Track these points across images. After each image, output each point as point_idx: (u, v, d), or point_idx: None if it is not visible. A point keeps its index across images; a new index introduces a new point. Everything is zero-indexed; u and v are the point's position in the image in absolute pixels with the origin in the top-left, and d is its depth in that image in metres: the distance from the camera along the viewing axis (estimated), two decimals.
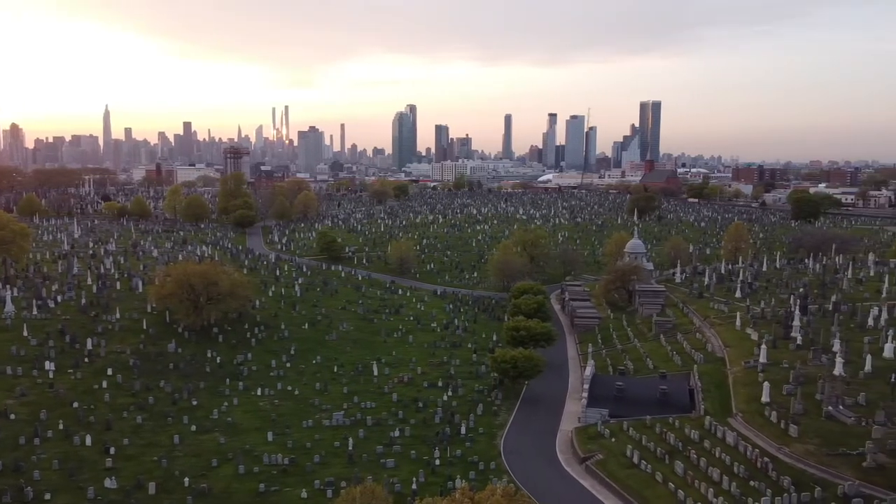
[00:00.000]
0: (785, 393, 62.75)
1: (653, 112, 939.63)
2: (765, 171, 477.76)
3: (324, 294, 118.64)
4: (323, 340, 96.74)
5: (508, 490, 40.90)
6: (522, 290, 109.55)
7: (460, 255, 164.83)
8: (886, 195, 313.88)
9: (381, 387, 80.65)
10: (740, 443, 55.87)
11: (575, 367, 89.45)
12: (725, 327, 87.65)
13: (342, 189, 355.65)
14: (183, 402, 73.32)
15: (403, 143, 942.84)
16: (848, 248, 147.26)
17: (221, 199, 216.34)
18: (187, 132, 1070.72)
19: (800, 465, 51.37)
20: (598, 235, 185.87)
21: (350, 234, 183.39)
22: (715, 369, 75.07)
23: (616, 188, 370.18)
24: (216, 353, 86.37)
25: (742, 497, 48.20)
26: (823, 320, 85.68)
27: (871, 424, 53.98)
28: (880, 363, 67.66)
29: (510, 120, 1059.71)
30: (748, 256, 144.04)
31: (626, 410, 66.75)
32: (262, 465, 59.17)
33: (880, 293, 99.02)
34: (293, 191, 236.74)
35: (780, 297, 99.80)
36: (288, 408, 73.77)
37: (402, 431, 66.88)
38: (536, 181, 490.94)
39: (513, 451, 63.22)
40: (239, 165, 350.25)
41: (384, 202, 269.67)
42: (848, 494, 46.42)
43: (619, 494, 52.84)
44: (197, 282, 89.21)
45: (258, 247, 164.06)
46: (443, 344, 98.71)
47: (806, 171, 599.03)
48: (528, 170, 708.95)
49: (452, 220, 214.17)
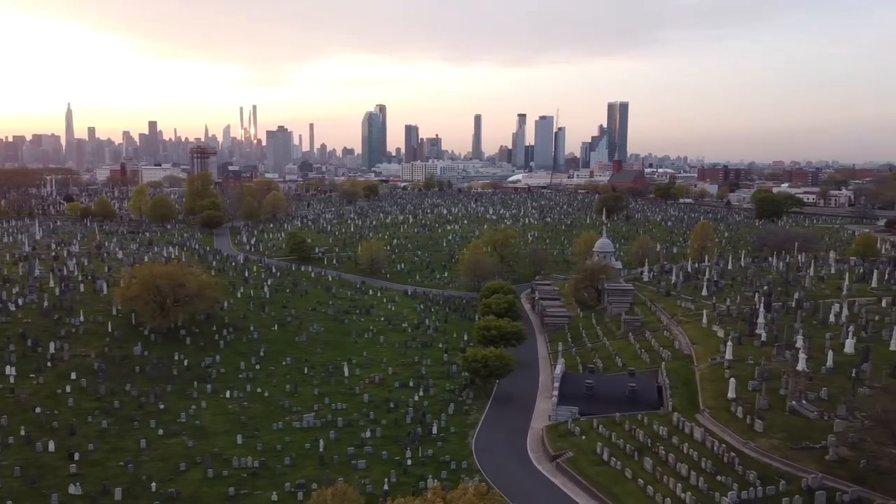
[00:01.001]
0: (750, 389, 63.92)
1: (620, 113, 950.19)
2: (730, 172, 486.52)
3: (293, 295, 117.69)
4: (293, 342, 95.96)
5: (480, 489, 41.03)
6: (493, 289, 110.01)
7: (431, 255, 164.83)
8: (846, 195, 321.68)
9: (353, 388, 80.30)
10: (707, 438, 56.76)
11: (545, 366, 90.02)
12: (692, 325, 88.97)
13: (311, 189, 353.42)
14: (150, 406, 72.08)
15: (373, 144, 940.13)
16: (810, 247, 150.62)
17: (188, 199, 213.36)
18: (153, 132, 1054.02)
19: (765, 460, 52.38)
20: (567, 235, 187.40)
21: (320, 235, 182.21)
22: (682, 366, 76.17)
23: (585, 188, 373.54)
24: (183, 356, 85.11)
25: (709, 492, 48.98)
26: (787, 317, 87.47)
27: (833, 418, 55.27)
28: (841, 358, 69.29)
29: (480, 120, 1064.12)
30: (714, 255, 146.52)
31: (596, 408, 67.39)
32: (232, 468, 58.47)
33: (841, 290, 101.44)
34: (262, 191, 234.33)
35: (745, 295, 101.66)
36: (257, 410, 73.01)
37: (373, 432, 66.68)
38: (506, 181, 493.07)
39: (484, 449, 63.42)
40: (206, 165, 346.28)
41: (354, 202, 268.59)
42: (811, 487, 47.45)
43: (589, 491, 53.29)
44: (163, 283, 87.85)
45: (226, 248, 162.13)
46: (414, 344, 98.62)
47: (769, 171, 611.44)
48: (498, 170, 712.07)
49: (423, 221, 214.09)
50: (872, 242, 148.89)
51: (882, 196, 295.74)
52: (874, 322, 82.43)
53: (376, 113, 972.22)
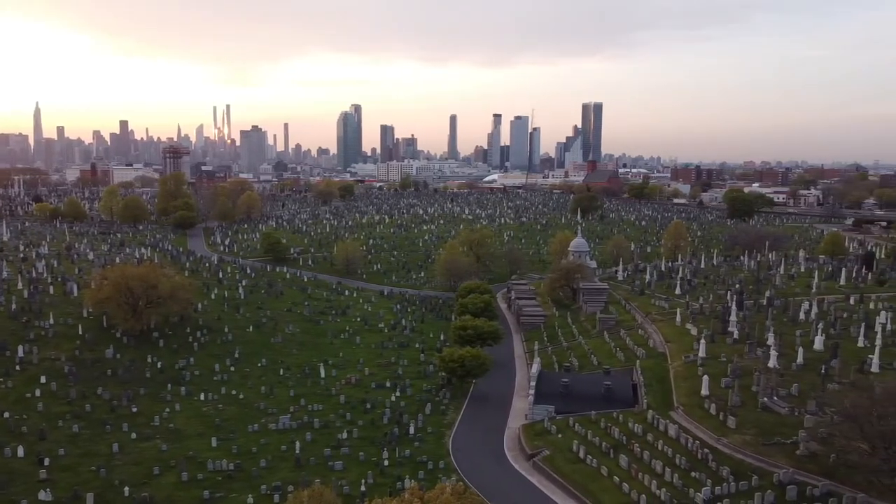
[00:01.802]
0: (723, 386, 64.83)
1: (595, 113, 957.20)
2: (702, 172, 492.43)
3: (268, 296, 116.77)
4: (268, 343, 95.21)
5: (458, 488, 41.06)
6: (469, 289, 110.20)
7: (407, 255, 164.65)
8: (815, 194, 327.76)
9: (329, 389, 79.91)
10: (681, 435, 57.45)
11: (521, 365, 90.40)
12: (666, 323, 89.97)
13: (286, 189, 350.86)
14: (122, 410, 71.01)
15: (348, 144, 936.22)
16: (780, 246, 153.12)
17: (161, 199, 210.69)
18: (124, 131, 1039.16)
19: (738, 455, 53.17)
20: (542, 235, 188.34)
21: (295, 235, 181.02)
22: (657, 364, 77.00)
23: (560, 188, 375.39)
24: (156, 358, 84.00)
25: (684, 488, 49.58)
26: (758, 315, 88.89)
27: (804, 414, 56.28)
28: (811, 355, 70.61)
29: (455, 120, 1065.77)
30: (687, 254, 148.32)
31: (572, 406, 67.82)
32: (207, 471, 57.82)
33: (810, 288, 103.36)
34: (236, 191, 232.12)
35: (718, 294, 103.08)
36: (232, 412, 72.31)
37: (350, 433, 66.42)
38: (482, 181, 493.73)
39: (461, 449, 63.51)
40: (179, 165, 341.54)
41: (329, 202, 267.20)
42: (783, 482, 48.27)
43: (565, 489, 53.63)
44: (135, 285, 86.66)
45: (200, 249, 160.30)
46: (390, 344, 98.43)
47: (740, 171, 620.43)
48: (474, 170, 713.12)
49: (399, 221, 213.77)
50: (840, 241, 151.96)
51: (849, 195, 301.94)
52: (842, 319, 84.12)
53: (351, 113, 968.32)
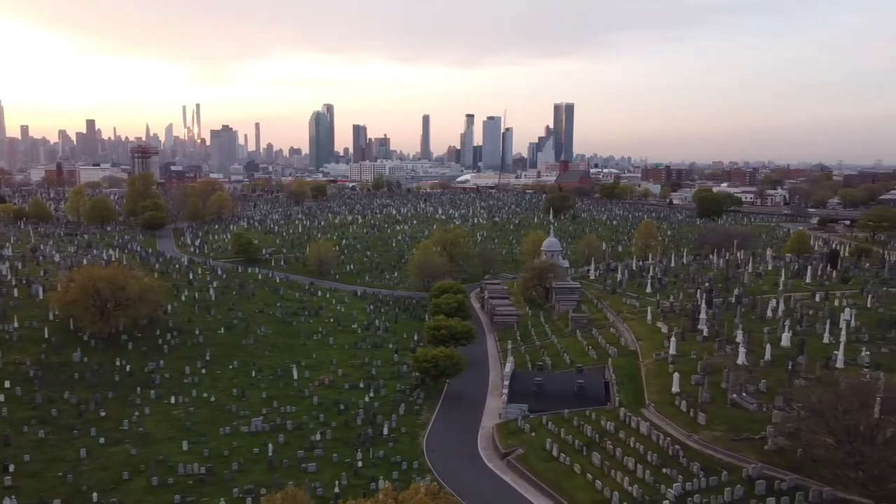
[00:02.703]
0: (693, 383, 65.73)
1: (566, 114, 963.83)
2: (672, 172, 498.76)
3: (240, 297, 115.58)
4: (240, 345, 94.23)
5: (432, 488, 41.05)
6: (443, 289, 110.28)
7: (380, 255, 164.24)
8: (781, 194, 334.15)
9: (302, 390, 79.37)
10: (653, 432, 58.12)
11: (495, 364, 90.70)
12: (637, 321, 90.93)
13: (258, 190, 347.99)
14: (90, 414, 69.76)
15: (321, 143, 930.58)
16: (748, 245, 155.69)
17: (129, 200, 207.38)
18: (91, 130, 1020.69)
19: (708, 451, 53.94)
20: (515, 234, 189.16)
21: (267, 236, 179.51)
22: (628, 362, 77.80)
23: (532, 188, 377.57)
24: (125, 362, 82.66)
25: (655, 484, 50.16)
26: (727, 313, 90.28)
27: (772, 410, 57.33)
28: (779, 352, 71.92)
29: (428, 120, 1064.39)
30: (657, 253, 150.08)
31: (545, 405, 68.24)
32: (177, 475, 57.09)
33: (777, 286, 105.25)
34: (206, 191, 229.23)
35: (688, 292, 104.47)
36: (204, 415, 71.46)
37: (323, 434, 66.04)
38: (455, 181, 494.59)
39: (435, 449, 63.53)
40: (147, 165, 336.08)
41: (302, 203, 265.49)
42: (752, 476, 49.10)
43: (539, 487, 53.92)
44: (103, 287, 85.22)
45: (169, 250, 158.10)
46: (364, 345, 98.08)
47: (709, 171, 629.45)
48: (447, 170, 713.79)
49: (372, 221, 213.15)
50: (806, 240, 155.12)
51: (814, 195, 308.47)
52: (808, 316, 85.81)
53: (324, 112, 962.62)
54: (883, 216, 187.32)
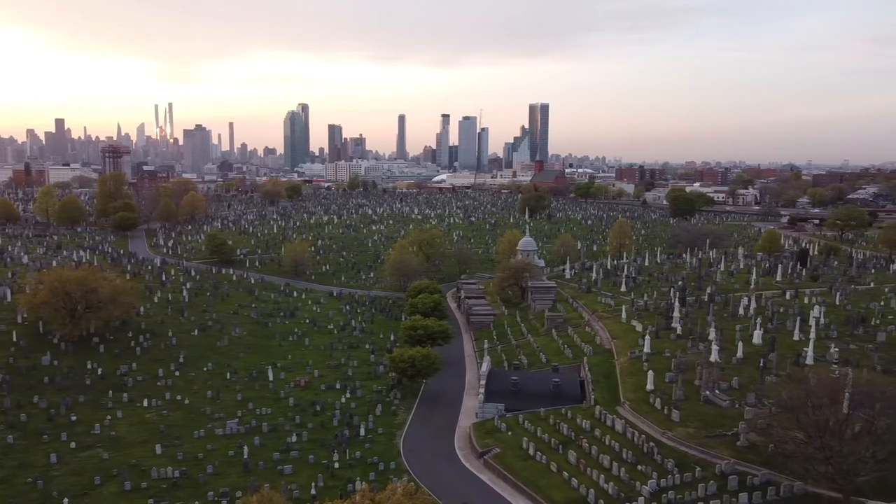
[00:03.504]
0: (667, 380, 66.50)
1: (541, 114, 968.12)
2: (645, 172, 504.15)
3: (214, 299, 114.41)
4: (214, 347, 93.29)
5: (409, 489, 41.04)
6: (419, 289, 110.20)
7: (356, 255, 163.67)
8: (752, 193, 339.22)
9: (278, 392, 78.82)
10: (628, 430, 58.68)
11: (471, 364, 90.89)
12: (612, 320, 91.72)
13: (232, 190, 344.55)
14: (60, 418, 68.62)
15: (296, 143, 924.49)
16: (720, 244, 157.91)
17: (100, 200, 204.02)
18: (60, 130, 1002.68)
19: (682, 448, 54.62)
20: (491, 234, 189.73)
21: (241, 237, 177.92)
22: (603, 361, 78.45)
23: (508, 188, 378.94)
24: (97, 365, 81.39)
25: (630, 481, 50.66)
26: (700, 311, 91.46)
27: (744, 406, 58.26)
28: (750, 349, 73.06)
29: (404, 120, 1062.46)
30: (632, 252, 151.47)
31: (522, 404, 68.53)
32: (151, 479, 56.40)
33: (749, 284, 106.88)
34: (179, 192, 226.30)
35: (662, 290, 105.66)
36: (177, 418, 70.66)
37: (299, 436, 65.65)
38: (431, 181, 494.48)
39: (412, 449, 63.51)
40: (119, 165, 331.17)
41: (276, 203, 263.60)
42: (725, 472, 49.82)
43: (515, 486, 54.16)
44: (74, 289, 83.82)
45: (142, 251, 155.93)
46: (340, 345, 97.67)
47: (682, 171, 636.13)
48: (423, 170, 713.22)
49: (348, 221, 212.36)
50: (777, 238, 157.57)
51: (785, 195, 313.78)
52: (779, 314, 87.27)
53: (299, 112, 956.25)
54: (850, 215, 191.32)
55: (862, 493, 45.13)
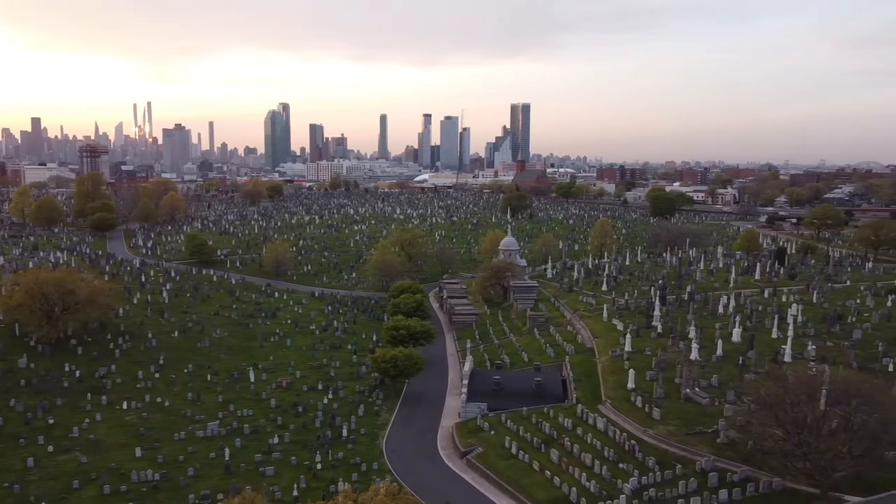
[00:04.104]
0: (648, 379, 67.04)
1: (523, 114, 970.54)
2: (626, 171, 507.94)
3: (194, 300, 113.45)
4: (194, 348, 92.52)
5: (391, 489, 41.00)
6: (401, 289, 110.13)
7: (338, 255, 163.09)
8: (731, 193, 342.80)
9: (259, 393, 78.35)
10: (610, 428, 59.07)
11: (454, 364, 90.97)
12: (594, 319, 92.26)
13: (212, 190, 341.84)
14: (37, 422, 67.67)
15: (277, 143, 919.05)
16: (700, 243, 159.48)
17: (77, 200, 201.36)
18: (36, 129, 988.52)
19: (663, 446, 55.08)
20: (473, 234, 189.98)
21: (222, 237, 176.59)
22: (585, 359, 78.89)
23: (490, 188, 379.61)
24: (75, 367, 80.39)
25: (612, 479, 50.98)
26: (680, 309, 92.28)
27: (723, 404, 58.85)
28: (730, 347, 73.85)
29: (385, 120, 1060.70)
30: (612, 251, 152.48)
31: (504, 403, 68.72)
32: (131, 483, 55.81)
33: (728, 283, 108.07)
34: (158, 192, 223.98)
35: (642, 289, 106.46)
36: (157, 421, 70.00)
37: (281, 437, 65.34)
38: (413, 181, 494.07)
39: (395, 449, 63.45)
40: (97, 165, 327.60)
41: (257, 203, 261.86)
42: (705, 469, 50.31)
43: (498, 485, 54.29)
44: (51, 290, 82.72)
45: (120, 251, 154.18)
46: (322, 346, 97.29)
47: (662, 170, 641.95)
48: (405, 170, 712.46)
49: (329, 221, 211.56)
50: (755, 237, 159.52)
51: (763, 194, 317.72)
52: (758, 312, 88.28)
53: (279, 111, 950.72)
54: (827, 214, 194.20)
55: (839, 489, 45.79)
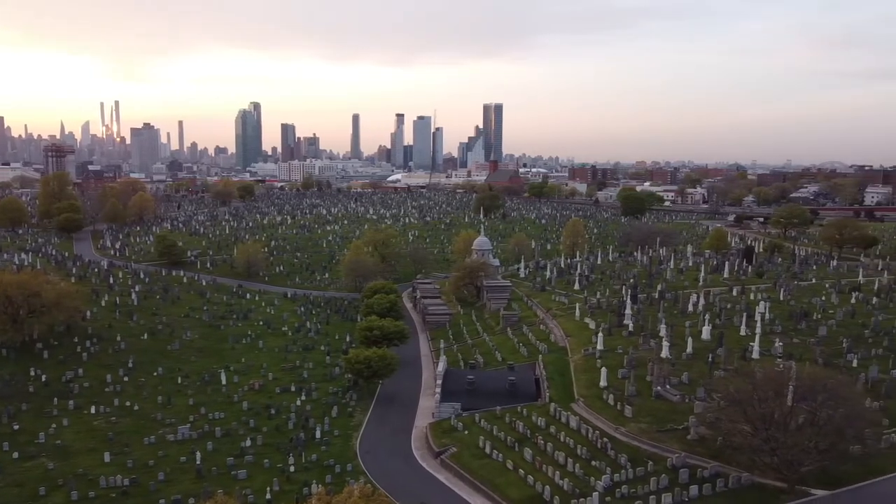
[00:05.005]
0: (620, 377, 67.70)
1: (496, 114, 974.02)
2: (597, 171, 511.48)
3: (164, 301, 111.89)
4: (164, 351, 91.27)
5: (365, 490, 40.86)
6: (374, 289, 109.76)
7: (311, 256, 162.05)
8: (700, 192, 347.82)
9: (231, 396, 77.52)
10: (582, 426, 59.54)
11: (428, 364, 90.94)
12: (566, 318, 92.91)
13: (182, 190, 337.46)
14: (2, 427, 66.23)
15: (248, 142, 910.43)
16: (670, 242, 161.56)
17: (42, 201, 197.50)
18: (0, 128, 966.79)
19: (634, 443, 55.68)
20: (446, 234, 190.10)
21: (192, 238, 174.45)
22: (558, 358, 79.42)
23: (463, 187, 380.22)
24: (40, 371, 78.79)
25: (585, 477, 51.39)
26: (651, 308, 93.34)
27: (693, 401, 59.69)
28: (699, 345, 74.90)
29: (358, 120, 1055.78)
30: (584, 251, 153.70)
31: (478, 403, 68.84)
32: (99, 489, 54.86)
33: (698, 281, 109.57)
34: (127, 192, 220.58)
35: (614, 288, 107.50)
36: (126, 425, 68.91)
37: (253, 440, 64.70)
38: (386, 181, 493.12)
39: (369, 451, 63.24)
40: (63, 165, 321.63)
41: (228, 203, 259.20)
42: (676, 466, 50.97)
43: (472, 485, 54.38)
44: (15, 293, 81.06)
45: (88, 253, 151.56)
46: (295, 348, 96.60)
47: (633, 170, 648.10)
48: (378, 169, 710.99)
49: (302, 221, 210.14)
50: (724, 236, 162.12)
51: (731, 193, 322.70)
52: (727, 310, 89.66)
53: (250, 111, 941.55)
54: (793, 213, 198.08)
55: (805, 483, 46.73)
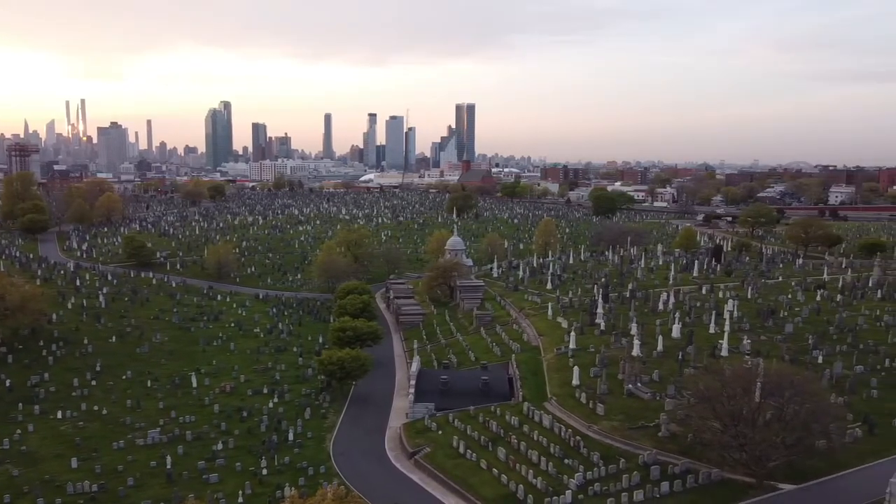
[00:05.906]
0: (592, 375, 68.32)
1: (468, 114, 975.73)
2: (569, 171, 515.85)
3: (133, 304, 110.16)
4: (133, 354, 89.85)
5: (339, 492, 40.77)
6: (347, 290, 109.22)
7: (283, 256, 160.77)
8: (670, 192, 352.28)
9: (202, 399, 76.58)
10: (555, 425, 59.96)
11: (401, 364, 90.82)
12: (539, 317, 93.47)
13: (151, 190, 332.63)
14: None
15: (218, 142, 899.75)
16: (641, 241, 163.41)
17: (6, 202, 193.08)
18: None
19: (607, 441, 56.26)
20: (419, 234, 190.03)
21: (161, 239, 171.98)
22: (531, 357, 79.84)
23: (435, 187, 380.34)
24: (5, 376, 77.08)
25: (558, 475, 51.79)
26: (622, 307, 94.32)
27: (664, 398, 60.47)
28: (670, 343, 75.89)
29: (330, 119, 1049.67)
30: (557, 250, 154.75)
31: (452, 403, 68.92)
32: (66, 495, 53.86)
33: (668, 280, 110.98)
34: (93, 192, 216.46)
35: (586, 287, 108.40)
36: (94, 429, 67.72)
37: (225, 444, 64.03)
38: (358, 181, 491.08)
39: (343, 452, 62.97)
40: (27, 164, 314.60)
41: (198, 203, 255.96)
42: (647, 463, 51.64)
43: (446, 485, 54.46)
44: None
45: (53, 255, 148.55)
46: (267, 349, 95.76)
47: (604, 170, 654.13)
48: (350, 169, 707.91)
49: (273, 222, 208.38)
50: (693, 235, 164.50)
51: (700, 193, 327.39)
52: (696, 308, 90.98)
53: (221, 110, 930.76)
54: (760, 213, 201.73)
55: (773, 478, 47.66)
